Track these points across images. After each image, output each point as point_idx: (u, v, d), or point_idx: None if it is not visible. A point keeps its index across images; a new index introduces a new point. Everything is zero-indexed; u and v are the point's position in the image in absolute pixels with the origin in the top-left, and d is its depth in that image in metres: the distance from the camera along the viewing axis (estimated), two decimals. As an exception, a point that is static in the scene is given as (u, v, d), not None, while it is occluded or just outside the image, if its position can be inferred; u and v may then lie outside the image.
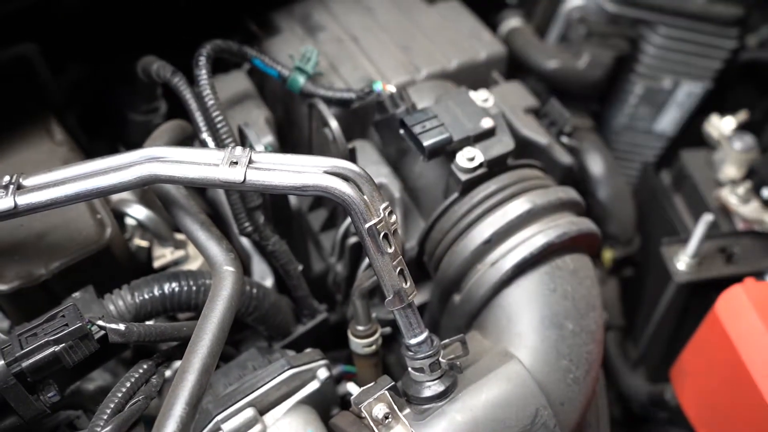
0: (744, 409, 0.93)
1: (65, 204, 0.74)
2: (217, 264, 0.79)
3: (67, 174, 0.75)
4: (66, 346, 0.70)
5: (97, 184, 0.73)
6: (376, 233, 0.71)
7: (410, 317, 0.75)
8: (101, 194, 0.74)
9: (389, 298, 0.74)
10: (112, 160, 0.76)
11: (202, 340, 0.70)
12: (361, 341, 0.90)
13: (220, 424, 0.79)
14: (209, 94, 0.88)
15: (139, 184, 0.74)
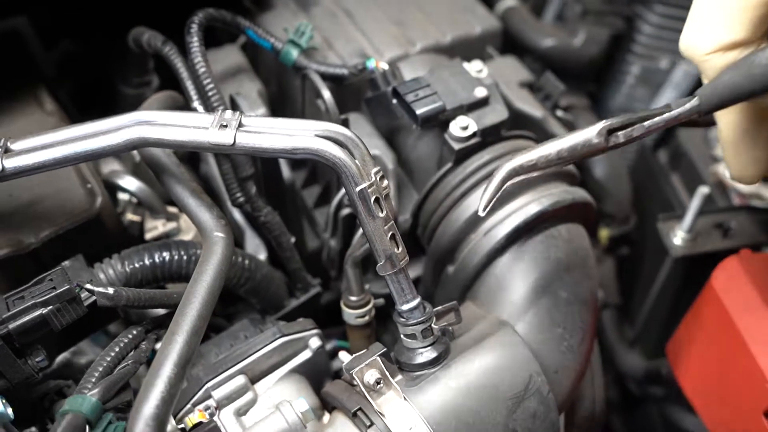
0: (740, 380, 0.93)
1: (53, 167, 0.73)
2: (207, 230, 0.78)
3: (56, 138, 0.75)
4: (53, 309, 0.70)
5: (85, 147, 0.73)
6: (367, 197, 0.71)
7: (402, 283, 0.74)
8: (90, 158, 0.73)
9: (381, 263, 0.73)
10: (100, 123, 0.75)
11: (192, 303, 0.69)
12: (354, 312, 0.90)
13: (210, 391, 0.79)
14: (200, 62, 0.87)
15: (128, 147, 0.73)
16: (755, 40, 0.57)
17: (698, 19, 0.58)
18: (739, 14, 0.55)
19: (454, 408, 0.74)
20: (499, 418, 0.75)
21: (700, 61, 0.59)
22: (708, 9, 0.57)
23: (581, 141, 0.65)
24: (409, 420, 0.73)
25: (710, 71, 0.59)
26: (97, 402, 0.66)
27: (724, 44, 0.57)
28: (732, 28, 0.56)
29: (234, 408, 0.79)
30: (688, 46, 0.59)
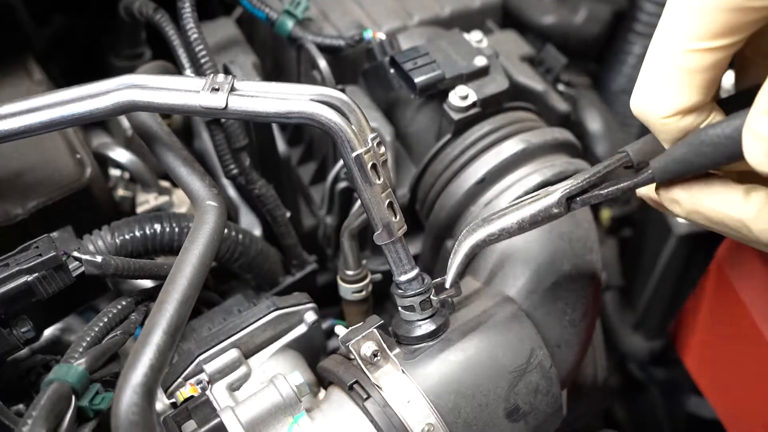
0: (749, 358, 0.91)
1: (41, 132, 0.71)
2: (199, 199, 0.76)
3: (43, 102, 0.72)
4: (39, 276, 0.68)
5: (73, 110, 0.71)
6: (363, 162, 0.68)
7: (400, 252, 0.72)
8: (78, 122, 0.71)
9: (378, 232, 0.71)
10: (89, 87, 0.73)
11: (182, 271, 0.67)
12: (351, 286, 0.87)
13: (202, 364, 0.76)
14: (192, 29, 0.85)
15: (117, 111, 0.71)
16: (708, 102, 0.56)
17: (650, 84, 0.57)
18: (691, 79, 0.54)
19: (454, 381, 0.72)
20: (500, 392, 0.73)
21: (656, 125, 0.58)
22: (659, 73, 0.56)
23: (542, 209, 0.67)
24: (408, 393, 0.71)
25: (666, 135, 0.59)
26: (83, 371, 0.64)
27: (679, 110, 0.56)
28: (685, 93, 0.55)
29: (227, 382, 0.77)
30: (643, 111, 0.58)
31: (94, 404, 0.64)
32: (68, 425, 0.61)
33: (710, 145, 0.55)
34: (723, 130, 0.54)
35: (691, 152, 0.57)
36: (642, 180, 0.62)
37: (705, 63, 0.53)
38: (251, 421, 0.70)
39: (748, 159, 0.51)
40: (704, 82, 0.54)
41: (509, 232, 0.68)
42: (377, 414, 0.69)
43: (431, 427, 0.69)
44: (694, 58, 0.53)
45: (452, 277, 0.72)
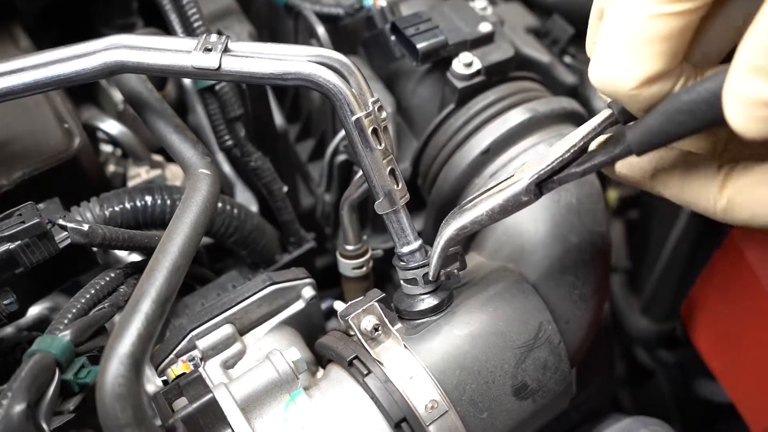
0: (765, 337, 0.87)
1: (24, 94, 0.68)
2: (192, 167, 0.72)
3: (27, 63, 0.69)
4: (22, 244, 0.64)
5: (58, 71, 0.67)
6: (364, 127, 0.65)
7: (402, 222, 0.69)
8: (63, 83, 0.68)
9: (379, 201, 0.68)
10: (75, 48, 0.69)
11: (173, 239, 0.64)
12: (351, 262, 0.84)
13: (195, 340, 0.73)
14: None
15: (105, 72, 0.68)
16: (676, 68, 0.52)
17: (612, 54, 0.53)
18: (657, 46, 0.50)
19: (459, 356, 0.69)
20: (507, 368, 0.70)
21: (624, 97, 0.54)
22: (622, 42, 0.52)
23: (510, 198, 0.64)
24: (410, 369, 0.67)
25: (636, 105, 0.55)
26: (68, 342, 0.61)
27: (646, 78, 0.52)
28: (651, 61, 0.51)
29: (221, 359, 0.73)
30: (606, 83, 0.54)
31: (80, 378, 0.61)
32: (51, 399, 0.57)
33: (687, 112, 0.51)
34: (700, 95, 0.50)
35: (668, 121, 0.53)
36: (620, 153, 0.58)
37: (671, 29, 0.50)
38: (246, 398, 0.67)
39: (732, 123, 0.47)
40: (671, 49, 0.51)
41: (480, 223, 0.66)
42: (378, 390, 0.66)
43: (435, 404, 0.66)
44: (660, 23, 0.50)
45: (434, 270, 0.69)
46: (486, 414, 0.68)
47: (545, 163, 0.63)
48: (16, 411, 0.53)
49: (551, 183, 0.63)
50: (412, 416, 0.65)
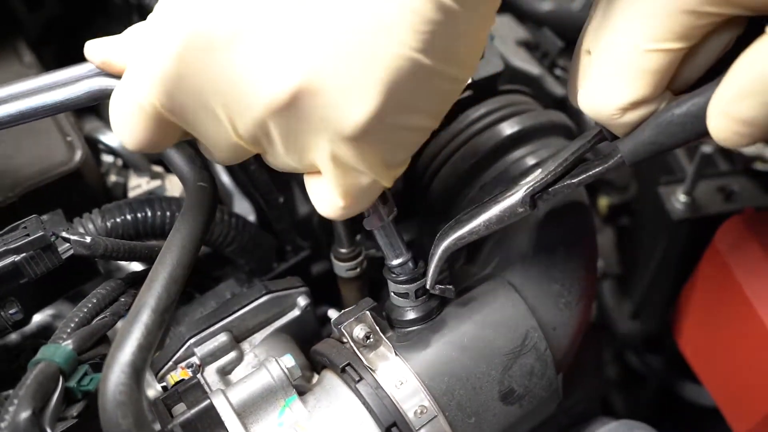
0: (747, 344, 0.90)
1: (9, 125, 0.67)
2: (189, 180, 0.75)
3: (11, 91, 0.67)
4: (27, 256, 0.67)
5: (43, 101, 0.66)
6: None
7: (390, 237, 0.71)
8: (50, 112, 0.66)
9: (367, 218, 0.70)
10: (59, 74, 0.68)
11: (172, 250, 0.66)
12: (345, 264, 0.86)
13: (193, 348, 0.75)
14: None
15: (89, 100, 0.66)
16: (659, 95, 0.59)
17: (599, 81, 0.60)
18: (646, 77, 0.57)
19: (447, 363, 0.71)
20: (494, 374, 0.72)
21: (607, 120, 0.61)
22: (608, 71, 0.59)
23: (506, 209, 0.68)
24: (400, 375, 0.70)
25: (619, 129, 0.62)
26: (71, 351, 0.63)
27: (630, 104, 0.59)
28: (639, 89, 0.58)
29: (218, 366, 0.76)
30: (593, 108, 0.61)
31: (82, 385, 0.63)
32: (55, 405, 0.60)
33: (678, 125, 0.57)
34: (689, 109, 0.57)
35: (661, 134, 0.59)
36: (612, 164, 0.63)
37: (661, 63, 0.57)
38: (242, 403, 0.70)
39: (714, 135, 0.54)
40: (657, 80, 0.58)
41: (477, 233, 0.69)
42: (369, 396, 0.69)
43: (424, 409, 0.69)
44: (652, 58, 0.56)
45: (431, 280, 0.72)
46: (474, 419, 0.71)
47: (539, 176, 0.67)
48: (22, 417, 0.56)
49: (546, 194, 0.68)
50: (401, 421, 0.68)
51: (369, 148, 0.57)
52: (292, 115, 0.54)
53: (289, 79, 0.53)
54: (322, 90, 0.53)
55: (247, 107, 0.55)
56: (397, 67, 0.52)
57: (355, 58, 0.52)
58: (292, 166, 0.61)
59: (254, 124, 0.56)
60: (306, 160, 0.59)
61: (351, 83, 0.53)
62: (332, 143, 0.56)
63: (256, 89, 0.54)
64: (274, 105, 0.54)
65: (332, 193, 0.60)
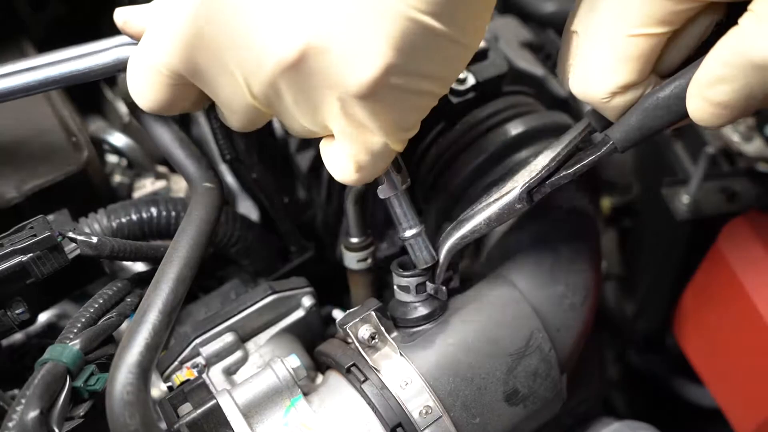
0: (750, 345, 0.90)
1: (39, 90, 0.71)
2: (195, 181, 0.75)
3: (38, 62, 0.72)
4: (34, 257, 0.67)
5: (72, 68, 0.70)
6: None
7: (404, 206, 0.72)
8: (77, 79, 0.71)
9: (381, 186, 0.70)
10: (85, 47, 0.72)
11: (178, 251, 0.67)
12: (355, 254, 0.86)
13: (198, 348, 0.76)
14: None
15: (116, 67, 0.70)
16: (645, 78, 0.61)
17: (589, 66, 0.62)
18: (631, 61, 0.60)
19: (452, 363, 0.72)
20: (498, 375, 0.72)
21: (598, 103, 0.63)
22: (601, 56, 0.61)
23: (505, 206, 0.70)
24: (406, 375, 0.70)
25: (609, 111, 0.64)
26: (78, 351, 0.64)
27: (618, 88, 0.61)
28: (625, 73, 0.60)
29: (223, 366, 0.76)
30: (584, 91, 0.63)
31: (89, 385, 0.64)
32: (62, 405, 0.60)
33: (664, 107, 0.61)
34: (672, 91, 0.60)
35: (648, 117, 0.62)
36: (605, 152, 0.66)
37: (645, 47, 0.59)
38: (248, 403, 0.70)
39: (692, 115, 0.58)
40: (642, 65, 0.60)
41: (479, 232, 0.72)
42: (374, 396, 0.69)
43: (429, 410, 0.69)
44: (637, 43, 0.59)
45: (438, 280, 0.74)
46: (478, 419, 0.71)
47: (534, 172, 0.69)
48: (30, 417, 0.56)
49: (543, 188, 0.70)
50: (407, 421, 0.68)
51: (379, 107, 0.59)
52: (302, 72, 0.57)
53: (298, 37, 0.55)
54: (329, 48, 0.55)
55: (259, 65, 0.58)
56: (403, 27, 0.55)
57: (362, 17, 0.54)
58: (307, 129, 0.64)
59: (267, 83, 0.59)
60: (318, 119, 0.61)
61: (358, 41, 0.55)
62: (342, 101, 0.58)
63: (267, 48, 0.56)
64: (283, 63, 0.56)
65: (346, 155, 0.63)
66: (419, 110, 0.63)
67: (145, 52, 0.62)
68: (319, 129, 0.63)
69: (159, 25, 0.60)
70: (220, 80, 0.61)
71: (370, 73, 0.56)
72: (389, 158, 0.65)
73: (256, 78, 0.59)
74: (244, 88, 0.60)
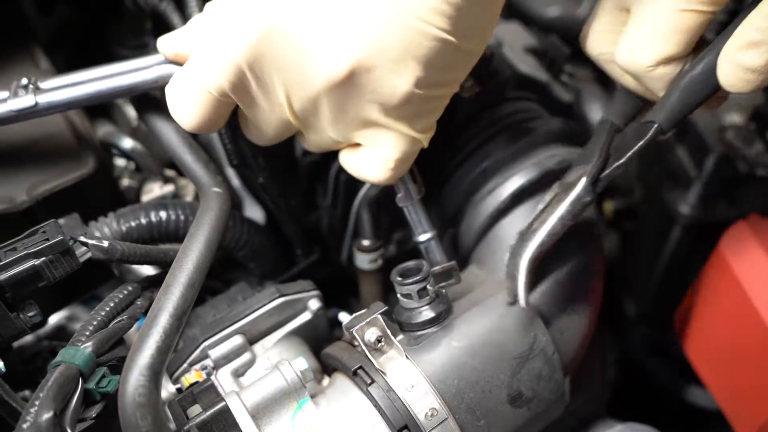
0: (751, 348, 0.91)
1: (86, 104, 0.76)
2: (204, 186, 0.77)
3: (85, 77, 0.76)
4: (46, 260, 0.68)
5: (117, 83, 0.75)
6: None
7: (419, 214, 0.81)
8: (121, 94, 0.76)
9: (399, 195, 0.78)
10: (127, 64, 0.77)
11: (188, 255, 0.68)
12: (367, 255, 0.90)
13: (207, 350, 0.77)
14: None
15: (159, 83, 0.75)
16: (689, 53, 0.67)
17: (637, 38, 0.68)
18: (679, 34, 0.65)
19: (457, 366, 0.73)
20: (503, 378, 0.74)
21: (643, 73, 0.69)
22: (646, 29, 0.67)
23: (574, 203, 0.71)
24: (411, 378, 0.71)
25: (650, 80, 0.69)
26: (90, 354, 0.65)
27: (664, 59, 0.67)
28: (672, 46, 0.66)
29: (231, 368, 0.77)
30: (630, 60, 0.69)
31: (101, 387, 0.65)
32: (75, 407, 0.61)
33: (700, 82, 0.65)
34: (707, 65, 0.65)
35: (687, 94, 0.66)
36: (651, 136, 0.69)
37: (693, 23, 0.65)
38: (256, 405, 0.71)
39: (722, 82, 0.63)
40: (688, 39, 0.66)
41: (556, 234, 0.73)
42: (381, 398, 0.70)
43: (435, 412, 0.70)
44: (686, 18, 0.64)
45: (523, 297, 0.73)
46: (483, 421, 0.72)
47: (589, 165, 0.71)
48: (44, 418, 0.57)
49: (600, 181, 0.72)
50: (413, 423, 0.69)
51: (411, 113, 0.68)
52: (347, 88, 0.65)
53: (347, 57, 0.63)
54: (374, 67, 0.64)
55: (307, 82, 0.65)
56: (429, 45, 0.63)
57: (397, 37, 0.63)
58: (333, 140, 0.72)
59: (310, 99, 0.66)
60: (349, 130, 0.70)
61: (397, 60, 0.64)
62: (382, 112, 0.67)
63: (318, 67, 0.64)
64: (333, 80, 0.64)
65: (379, 159, 0.71)
66: (439, 109, 0.72)
67: (195, 74, 0.68)
68: (345, 140, 0.71)
69: (210, 49, 0.66)
70: (261, 99, 0.68)
71: (408, 85, 0.65)
72: (415, 155, 0.74)
73: (300, 94, 0.66)
74: (284, 105, 0.67)
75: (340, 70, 0.64)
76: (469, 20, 0.64)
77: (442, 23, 0.63)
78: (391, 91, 0.65)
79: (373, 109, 0.67)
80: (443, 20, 0.62)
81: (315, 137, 0.73)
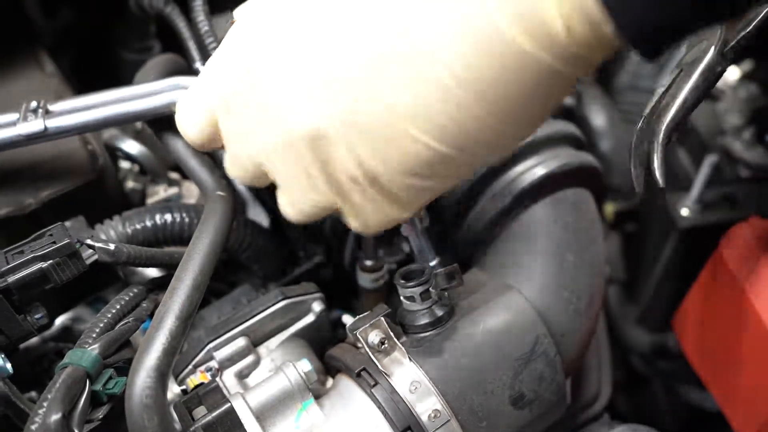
0: (751, 350, 0.92)
1: (95, 129, 0.77)
2: (209, 189, 0.77)
3: (95, 100, 0.75)
4: (53, 263, 0.69)
5: (127, 108, 0.75)
6: None
7: (422, 242, 0.81)
8: (131, 119, 0.76)
9: (404, 226, 0.78)
10: (137, 88, 0.77)
11: (193, 258, 0.69)
12: (370, 275, 0.90)
13: (212, 352, 0.77)
14: (203, 21, 0.86)
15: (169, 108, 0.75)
16: None
17: None
18: None
19: (460, 368, 0.73)
20: (505, 379, 0.74)
21: None
22: None
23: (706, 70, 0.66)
24: (415, 379, 0.72)
25: None
26: (97, 356, 0.65)
27: None
28: None
29: (236, 369, 0.78)
30: None
31: (108, 388, 0.65)
32: (82, 408, 0.62)
33: None
34: None
35: None
36: None
37: None
38: (261, 407, 0.71)
39: None
40: None
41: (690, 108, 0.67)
42: (384, 400, 0.71)
43: (437, 413, 0.71)
44: None
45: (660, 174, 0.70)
46: (485, 423, 0.73)
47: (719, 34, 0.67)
48: (52, 419, 0.58)
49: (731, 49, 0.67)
50: (416, 425, 0.70)
51: (397, 207, 0.62)
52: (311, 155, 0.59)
53: (308, 122, 0.57)
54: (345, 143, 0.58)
55: (271, 126, 0.60)
56: (417, 154, 0.56)
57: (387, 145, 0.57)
58: (311, 203, 0.65)
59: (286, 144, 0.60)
60: (330, 200, 0.63)
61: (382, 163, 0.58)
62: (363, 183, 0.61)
63: (283, 117, 0.59)
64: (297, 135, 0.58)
65: (363, 220, 0.65)
66: (429, 198, 0.65)
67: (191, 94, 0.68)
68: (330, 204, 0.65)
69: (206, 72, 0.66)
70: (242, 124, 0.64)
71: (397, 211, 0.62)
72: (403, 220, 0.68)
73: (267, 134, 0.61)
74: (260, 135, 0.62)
75: (300, 130, 0.58)
76: (459, 133, 0.55)
77: (431, 131, 0.55)
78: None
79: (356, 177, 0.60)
80: (432, 129, 0.55)
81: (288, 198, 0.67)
